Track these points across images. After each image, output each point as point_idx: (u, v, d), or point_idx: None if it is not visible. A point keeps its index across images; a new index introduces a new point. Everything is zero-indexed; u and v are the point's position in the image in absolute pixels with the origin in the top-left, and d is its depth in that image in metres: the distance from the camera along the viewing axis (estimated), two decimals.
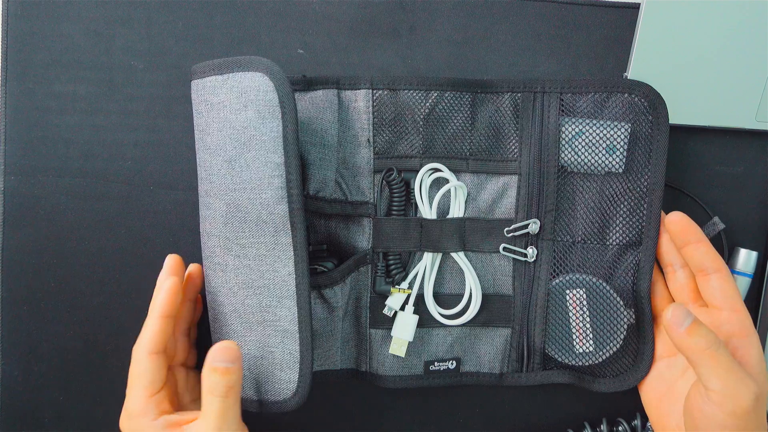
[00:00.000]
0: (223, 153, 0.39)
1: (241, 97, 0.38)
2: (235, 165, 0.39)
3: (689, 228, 0.41)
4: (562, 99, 0.45)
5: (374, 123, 0.46)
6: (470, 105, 0.46)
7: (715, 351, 0.35)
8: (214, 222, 0.40)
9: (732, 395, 0.35)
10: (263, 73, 0.38)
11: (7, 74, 0.46)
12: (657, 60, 0.46)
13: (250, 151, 0.38)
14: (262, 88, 0.38)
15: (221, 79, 0.39)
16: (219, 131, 0.39)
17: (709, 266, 0.40)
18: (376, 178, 0.46)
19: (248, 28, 0.47)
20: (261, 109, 0.38)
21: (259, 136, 0.38)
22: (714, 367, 0.35)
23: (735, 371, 0.35)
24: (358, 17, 0.48)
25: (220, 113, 0.39)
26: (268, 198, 0.38)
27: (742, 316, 0.40)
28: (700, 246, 0.40)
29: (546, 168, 0.45)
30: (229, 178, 0.39)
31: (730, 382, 0.35)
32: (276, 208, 0.38)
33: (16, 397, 0.48)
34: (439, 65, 0.48)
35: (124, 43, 0.47)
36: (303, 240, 0.39)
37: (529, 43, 0.48)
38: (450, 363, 0.48)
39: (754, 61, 0.46)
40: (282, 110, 0.38)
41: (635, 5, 0.47)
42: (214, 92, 0.39)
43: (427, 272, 0.46)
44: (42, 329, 0.48)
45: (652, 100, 0.44)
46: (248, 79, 0.38)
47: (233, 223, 0.39)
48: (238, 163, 0.39)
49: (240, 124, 0.38)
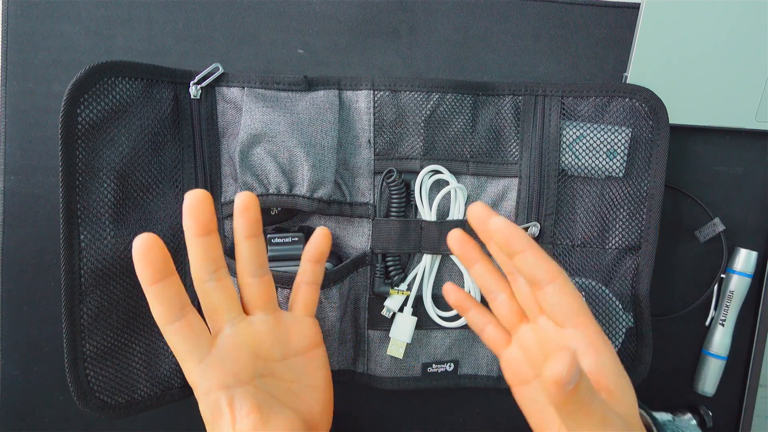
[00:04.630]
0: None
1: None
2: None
3: (513, 234, 0.33)
4: (563, 102, 0.45)
5: (375, 124, 0.46)
6: (471, 107, 0.46)
7: (591, 405, 0.28)
8: None
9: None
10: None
11: (7, 74, 0.46)
12: (657, 60, 0.46)
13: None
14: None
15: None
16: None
17: (542, 277, 0.33)
18: (376, 179, 0.46)
19: (248, 28, 0.47)
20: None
21: None
22: (586, 422, 0.28)
23: (609, 421, 0.29)
24: (358, 17, 0.48)
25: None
26: None
27: (588, 330, 0.33)
28: (528, 255, 0.33)
29: (546, 171, 0.45)
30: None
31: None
32: None
33: (16, 397, 0.48)
34: (439, 65, 0.48)
35: (124, 43, 0.47)
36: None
37: (529, 43, 0.48)
38: (448, 365, 0.48)
39: (754, 61, 0.46)
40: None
41: (635, 5, 0.47)
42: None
43: (426, 274, 0.46)
44: (42, 329, 0.48)
45: (652, 105, 0.44)
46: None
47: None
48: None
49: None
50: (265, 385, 0.36)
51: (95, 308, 0.41)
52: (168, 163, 0.44)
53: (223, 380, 0.34)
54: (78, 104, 0.39)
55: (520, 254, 0.33)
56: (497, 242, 0.33)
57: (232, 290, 0.36)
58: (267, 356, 0.37)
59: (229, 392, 0.34)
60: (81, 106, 0.39)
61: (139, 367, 0.43)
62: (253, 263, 0.36)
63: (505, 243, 0.33)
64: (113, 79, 0.40)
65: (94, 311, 0.41)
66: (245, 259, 0.36)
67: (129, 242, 0.42)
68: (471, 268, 0.38)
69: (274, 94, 0.44)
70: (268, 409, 0.34)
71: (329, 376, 0.40)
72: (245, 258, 0.36)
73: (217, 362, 0.34)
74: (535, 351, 0.36)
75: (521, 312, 0.37)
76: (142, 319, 0.43)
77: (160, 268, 0.33)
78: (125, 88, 0.41)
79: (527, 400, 0.37)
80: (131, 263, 0.42)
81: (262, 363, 0.36)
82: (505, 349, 0.38)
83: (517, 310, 0.37)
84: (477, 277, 0.38)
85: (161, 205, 0.44)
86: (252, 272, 0.37)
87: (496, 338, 0.39)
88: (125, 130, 0.41)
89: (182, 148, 0.44)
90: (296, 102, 0.44)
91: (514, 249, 0.33)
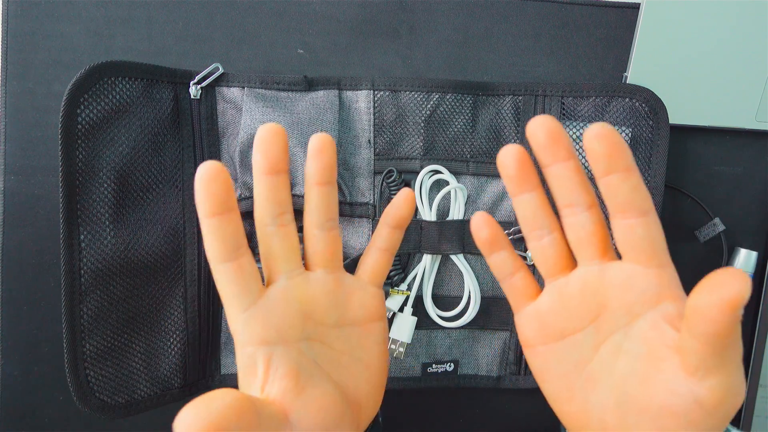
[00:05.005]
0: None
1: None
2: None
3: (620, 146, 0.27)
4: (564, 103, 0.45)
5: (375, 124, 0.46)
6: (471, 107, 0.46)
7: (737, 340, 0.24)
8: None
9: (732, 394, 0.26)
10: None
11: (7, 74, 0.46)
12: (657, 60, 0.46)
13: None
14: None
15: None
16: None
17: (638, 206, 0.28)
18: (376, 179, 0.46)
19: (248, 28, 0.47)
20: None
21: None
22: (734, 358, 0.25)
23: (739, 367, 0.26)
24: (358, 17, 0.48)
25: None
26: None
27: (672, 273, 0.29)
28: (631, 176, 0.27)
29: None
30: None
31: (735, 378, 0.26)
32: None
33: (16, 397, 0.48)
34: (439, 65, 0.48)
35: (124, 43, 0.47)
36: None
37: (529, 43, 0.48)
38: (448, 365, 0.48)
39: (754, 61, 0.46)
40: None
41: (635, 5, 0.47)
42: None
43: (426, 274, 0.46)
44: (42, 329, 0.48)
45: (652, 105, 0.44)
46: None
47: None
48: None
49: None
50: (311, 350, 0.32)
51: (95, 308, 0.41)
52: (168, 163, 0.44)
53: (265, 335, 0.30)
54: (78, 104, 0.39)
55: (621, 173, 0.27)
56: (596, 153, 0.27)
57: (295, 239, 0.32)
58: (319, 319, 0.33)
59: (269, 349, 0.30)
60: (81, 106, 0.39)
61: (139, 367, 0.43)
62: (322, 214, 0.33)
63: (607, 156, 0.27)
64: (113, 79, 0.40)
65: (94, 311, 0.41)
66: (313, 208, 0.33)
67: (129, 242, 0.42)
68: (520, 196, 0.31)
69: (274, 94, 0.44)
70: (307, 377, 0.30)
71: (386, 355, 0.36)
72: (313, 207, 0.33)
73: (262, 314, 0.30)
74: (579, 301, 0.30)
75: (569, 256, 0.32)
76: (142, 319, 0.43)
77: (222, 201, 0.29)
78: (125, 88, 0.41)
79: (551, 362, 0.32)
80: (131, 263, 0.42)
81: (313, 325, 0.32)
82: (531, 303, 0.33)
83: (567, 253, 0.31)
84: (526, 209, 0.31)
85: (161, 205, 0.44)
86: (319, 224, 0.33)
87: (525, 288, 0.33)
88: (125, 130, 0.41)
89: (182, 148, 0.44)
90: (296, 102, 0.44)
91: (617, 165, 0.27)
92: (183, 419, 0.24)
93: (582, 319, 0.30)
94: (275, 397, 0.29)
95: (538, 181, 0.31)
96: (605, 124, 0.27)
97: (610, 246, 0.30)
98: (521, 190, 0.31)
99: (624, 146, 0.27)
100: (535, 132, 0.28)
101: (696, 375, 0.25)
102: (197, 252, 0.45)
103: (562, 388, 0.31)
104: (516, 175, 0.30)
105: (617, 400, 0.29)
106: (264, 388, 0.29)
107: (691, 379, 0.26)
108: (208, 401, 0.24)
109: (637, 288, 0.29)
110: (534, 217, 0.31)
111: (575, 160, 0.29)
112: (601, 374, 0.30)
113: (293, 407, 0.29)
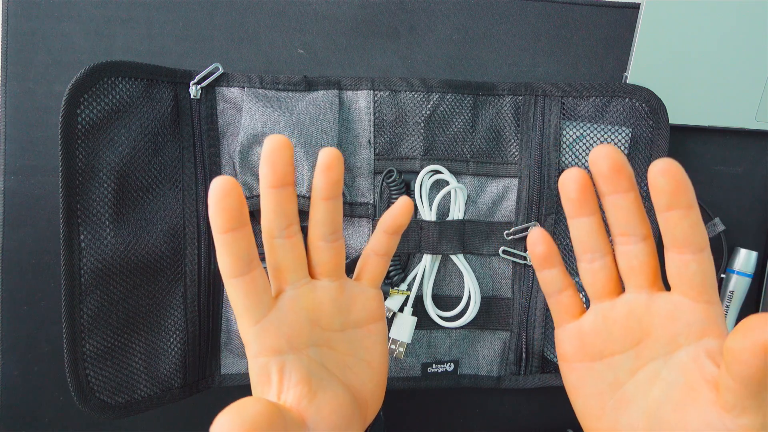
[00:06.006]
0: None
1: None
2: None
3: (684, 184, 0.27)
4: (563, 102, 0.45)
5: (375, 124, 0.46)
6: (471, 107, 0.46)
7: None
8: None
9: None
10: None
11: (7, 74, 0.46)
12: (657, 60, 0.46)
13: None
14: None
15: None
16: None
17: (695, 244, 0.28)
18: (376, 179, 0.46)
19: (248, 28, 0.47)
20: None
21: None
22: (766, 397, 0.25)
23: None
24: (358, 17, 0.48)
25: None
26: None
27: (719, 310, 0.30)
28: (691, 214, 0.28)
29: (546, 171, 0.45)
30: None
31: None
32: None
33: (16, 397, 0.48)
34: (439, 65, 0.48)
35: (124, 43, 0.47)
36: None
37: (529, 43, 0.48)
38: (448, 365, 0.48)
39: (754, 61, 0.46)
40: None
41: (635, 5, 0.47)
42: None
43: (426, 274, 0.46)
44: (42, 329, 0.48)
45: (652, 105, 0.44)
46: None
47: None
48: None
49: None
50: (319, 355, 0.33)
51: (95, 308, 0.41)
52: (168, 163, 0.44)
53: (277, 345, 0.32)
54: (78, 104, 0.39)
55: (682, 210, 0.28)
56: (660, 188, 0.27)
57: (301, 250, 0.34)
58: (326, 325, 0.34)
59: (281, 358, 0.31)
60: (81, 106, 0.39)
61: (139, 367, 0.43)
62: (327, 227, 0.34)
63: (670, 193, 0.27)
64: (113, 79, 0.40)
65: (94, 311, 0.41)
66: (319, 221, 0.34)
67: (129, 242, 0.42)
68: (578, 219, 0.31)
69: (274, 94, 0.44)
70: (318, 381, 0.32)
71: (386, 353, 0.37)
72: (319, 220, 0.34)
73: (274, 326, 0.32)
74: (623, 326, 0.31)
75: (617, 281, 0.32)
76: (142, 319, 0.43)
77: (235, 216, 0.29)
78: (125, 88, 0.41)
79: (586, 379, 0.33)
80: (131, 263, 0.42)
81: (319, 332, 0.34)
82: (574, 321, 0.33)
83: (615, 278, 0.32)
84: (582, 231, 0.31)
85: (161, 205, 0.44)
86: (324, 236, 0.34)
87: (570, 306, 0.34)
88: (125, 130, 0.41)
89: (182, 148, 0.44)
90: (296, 102, 0.44)
91: (679, 202, 0.27)
92: (220, 426, 0.25)
93: (623, 343, 0.31)
94: (291, 403, 0.30)
95: (596, 206, 0.31)
96: (671, 159, 0.27)
97: (659, 277, 0.31)
98: (580, 213, 0.31)
99: (688, 184, 0.27)
100: (597, 161, 0.29)
101: (732, 413, 0.26)
102: (197, 252, 0.45)
103: (594, 406, 0.32)
104: (577, 198, 0.31)
105: (648, 423, 0.30)
106: (280, 396, 0.31)
107: (726, 416, 0.26)
108: (241, 408, 0.25)
109: (684, 320, 0.29)
110: (588, 240, 0.32)
111: (635, 192, 0.29)
112: (635, 397, 0.31)
113: (308, 412, 0.30)
